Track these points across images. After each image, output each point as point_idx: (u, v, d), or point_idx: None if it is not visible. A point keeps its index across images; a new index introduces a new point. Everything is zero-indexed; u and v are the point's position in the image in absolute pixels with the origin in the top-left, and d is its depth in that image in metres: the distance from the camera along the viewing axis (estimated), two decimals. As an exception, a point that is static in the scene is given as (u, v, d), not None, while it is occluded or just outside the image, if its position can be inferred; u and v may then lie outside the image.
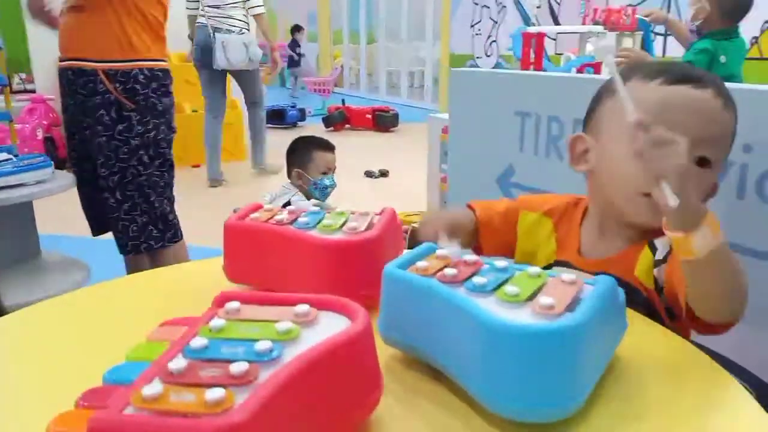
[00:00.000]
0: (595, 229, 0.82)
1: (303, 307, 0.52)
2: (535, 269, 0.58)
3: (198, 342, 0.47)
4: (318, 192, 2.52)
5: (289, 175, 2.58)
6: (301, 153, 2.54)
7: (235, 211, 3.07)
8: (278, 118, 6.75)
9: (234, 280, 0.80)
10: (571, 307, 0.51)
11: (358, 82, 11.13)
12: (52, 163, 2.02)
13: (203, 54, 4.09)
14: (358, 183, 4.29)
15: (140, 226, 1.94)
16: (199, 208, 3.53)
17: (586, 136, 0.80)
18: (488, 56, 6.64)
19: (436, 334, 0.56)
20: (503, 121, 1.45)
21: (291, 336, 0.48)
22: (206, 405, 0.40)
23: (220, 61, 4.04)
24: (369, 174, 4.58)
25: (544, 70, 2.38)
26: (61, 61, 1.92)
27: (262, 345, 0.46)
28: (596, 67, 2.28)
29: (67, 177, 2.05)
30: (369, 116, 6.80)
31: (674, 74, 0.73)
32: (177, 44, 3.52)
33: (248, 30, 4.19)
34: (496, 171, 1.50)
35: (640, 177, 0.63)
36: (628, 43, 2.46)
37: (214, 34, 4.06)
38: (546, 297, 0.52)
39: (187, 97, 4.72)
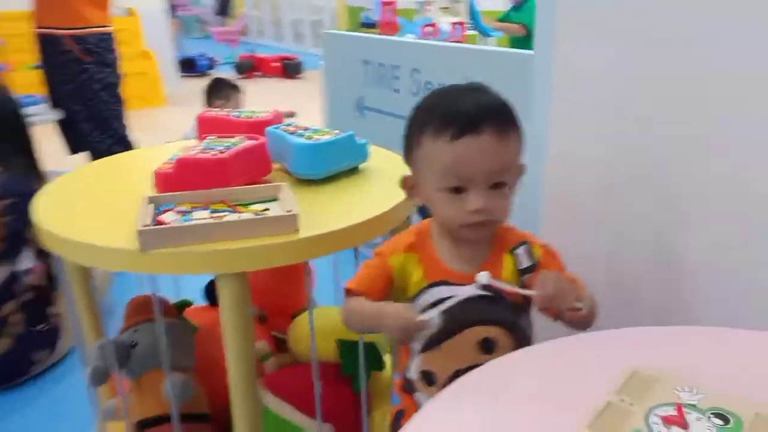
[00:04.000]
0: (449, 247, 0.94)
1: (240, 137, 1.38)
2: (326, 129, 1.46)
3: (204, 144, 1.33)
4: (235, 123, 3.31)
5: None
6: (221, 90, 3.30)
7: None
8: (189, 66, 7.30)
9: (202, 145, 1.63)
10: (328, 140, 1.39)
11: (264, 31, 11.60)
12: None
13: None
14: (267, 121, 5.06)
15: (107, 146, 2.69)
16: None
17: (412, 177, 0.95)
18: (381, 8, 7.41)
19: (284, 154, 1.42)
20: (353, 66, 2.33)
21: (237, 143, 1.34)
22: (214, 155, 1.25)
23: None
24: (276, 114, 5.35)
25: (400, 26, 3.26)
26: (36, 28, 2.62)
27: (229, 143, 1.32)
28: (434, 26, 3.18)
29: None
30: (277, 64, 7.47)
31: (455, 127, 0.85)
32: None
33: None
34: (353, 101, 2.39)
35: (455, 217, 0.87)
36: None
37: None
38: (320, 136, 1.39)
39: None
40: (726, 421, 0.64)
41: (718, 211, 1.06)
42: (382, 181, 1.40)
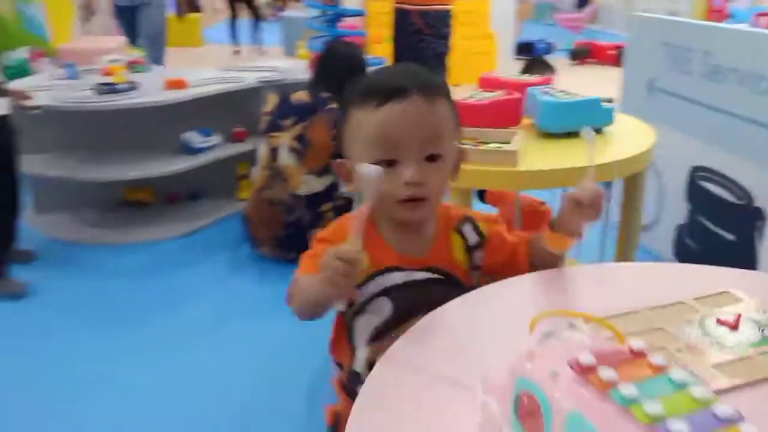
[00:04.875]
0: (394, 231, 0.88)
1: (502, 92, 1.67)
2: (575, 93, 1.64)
3: (472, 94, 1.66)
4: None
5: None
6: (537, 69, 3.56)
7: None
8: (527, 50, 7.69)
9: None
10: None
11: (614, 20, 11.34)
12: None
13: None
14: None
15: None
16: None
17: (346, 161, 0.90)
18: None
19: (534, 110, 1.66)
20: (653, 47, 2.38)
21: (495, 96, 1.64)
22: (473, 101, 1.58)
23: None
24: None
25: (730, 13, 3.09)
26: (395, 3, 3.28)
27: (489, 96, 1.63)
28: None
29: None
30: (612, 52, 7.38)
31: (380, 93, 0.82)
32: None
33: None
34: (646, 82, 2.45)
35: (390, 192, 0.81)
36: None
37: None
38: (565, 97, 1.60)
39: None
40: (779, 336, 0.73)
41: None
42: (616, 142, 1.56)
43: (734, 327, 0.74)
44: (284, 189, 2.36)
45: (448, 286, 0.88)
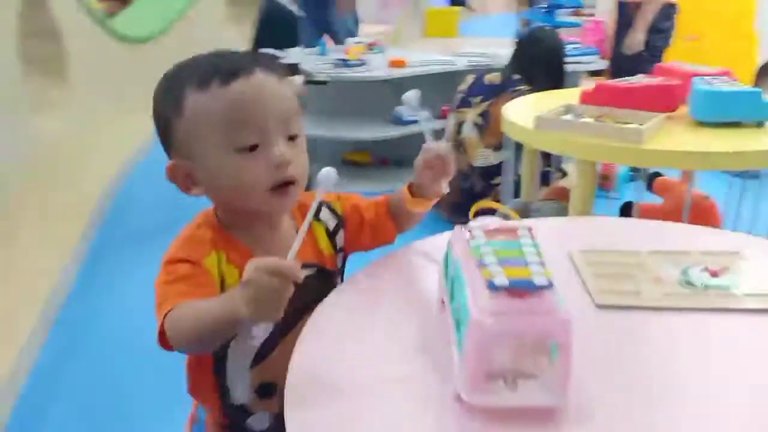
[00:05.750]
0: (253, 234, 0.79)
1: (663, 78, 1.70)
2: (740, 84, 1.60)
3: (632, 78, 1.72)
4: None
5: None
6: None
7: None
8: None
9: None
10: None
11: None
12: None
13: None
14: None
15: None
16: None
17: (181, 161, 0.76)
18: None
19: (692, 98, 1.65)
20: None
21: (652, 81, 1.68)
22: (624, 85, 1.65)
23: None
24: None
25: None
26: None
27: (647, 81, 1.68)
28: None
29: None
30: None
31: (223, 72, 0.73)
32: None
33: None
34: None
35: (258, 180, 0.72)
36: None
37: None
38: (724, 87, 1.57)
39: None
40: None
41: None
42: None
43: (714, 275, 0.82)
44: (464, 159, 2.62)
45: (322, 280, 0.83)
